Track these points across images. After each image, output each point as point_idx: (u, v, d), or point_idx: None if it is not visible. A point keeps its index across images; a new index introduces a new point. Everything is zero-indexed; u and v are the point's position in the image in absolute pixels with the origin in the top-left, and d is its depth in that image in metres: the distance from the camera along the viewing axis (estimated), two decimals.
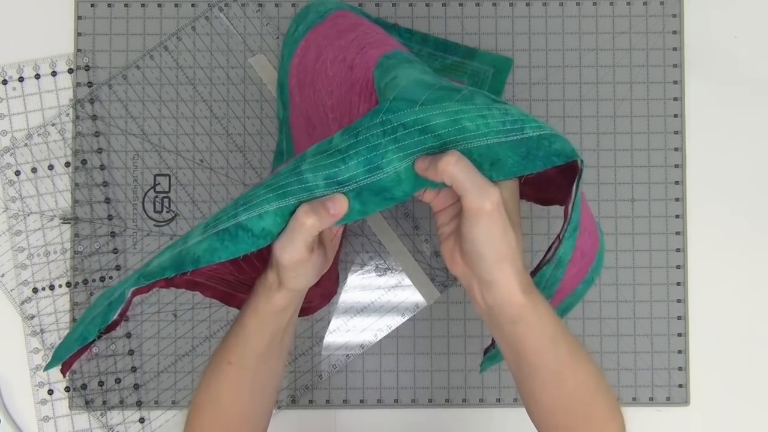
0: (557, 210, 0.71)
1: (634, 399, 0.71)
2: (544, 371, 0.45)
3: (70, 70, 0.71)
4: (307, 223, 0.41)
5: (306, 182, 0.42)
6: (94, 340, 0.44)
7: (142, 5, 0.71)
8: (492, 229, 0.40)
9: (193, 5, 0.71)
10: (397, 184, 0.42)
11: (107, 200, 0.70)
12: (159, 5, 0.71)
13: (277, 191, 0.42)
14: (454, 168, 0.39)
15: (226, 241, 0.42)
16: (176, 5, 0.71)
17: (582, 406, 0.47)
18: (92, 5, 0.71)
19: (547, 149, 0.41)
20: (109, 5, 0.71)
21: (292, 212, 0.42)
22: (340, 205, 0.42)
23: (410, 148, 0.41)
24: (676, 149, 0.72)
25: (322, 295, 0.64)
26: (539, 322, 0.43)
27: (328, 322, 0.70)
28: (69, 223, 0.70)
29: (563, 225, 0.45)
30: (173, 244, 0.46)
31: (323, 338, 0.70)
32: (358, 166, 0.41)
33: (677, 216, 0.71)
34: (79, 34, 0.71)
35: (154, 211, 0.70)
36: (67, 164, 0.70)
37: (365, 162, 0.41)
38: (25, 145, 0.70)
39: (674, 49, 0.72)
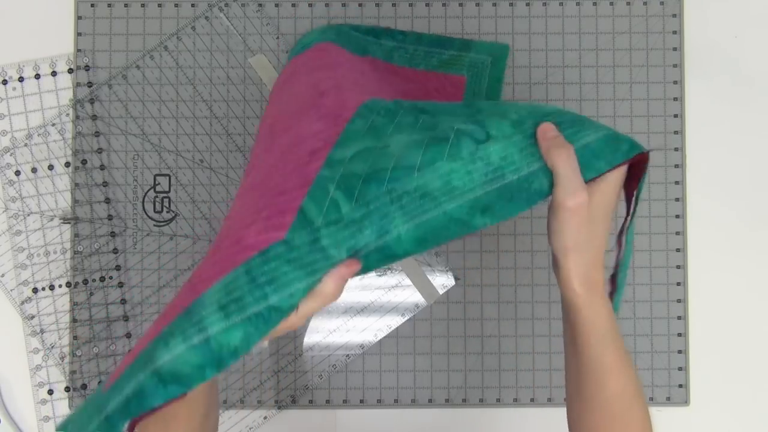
0: None
1: None
2: (589, 366, 0.48)
3: (70, 70, 0.71)
4: (335, 294, 0.44)
5: (332, 258, 0.44)
6: None
7: (142, 5, 0.71)
8: (566, 224, 0.45)
9: (193, 5, 0.71)
10: (398, 244, 0.45)
11: (107, 200, 0.70)
12: (159, 5, 0.71)
13: (306, 269, 0.43)
14: (560, 161, 0.44)
15: (260, 325, 0.42)
16: (176, 5, 0.71)
17: (620, 410, 0.48)
18: (92, 5, 0.71)
19: (528, 191, 0.45)
20: (109, 5, 0.71)
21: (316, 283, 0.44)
22: (355, 268, 0.44)
23: (413, 211, 0.44)
24: (676, 149, 0.72)
25: None
26: (591, 317, 0.47)
27: (326, 323, 0.71)
28: (69, 223, 0.70)
29: (624, 225, 0.50)
30: (140, 361, 0.42)
31: (323, 338, 0.70)
32: (372, 234, 0.44)
33: (677, 216, 0.71)
34: (79, 34, 0.71)
35: (154, 211, 0.70)
36: (67, 164, 0.70)
37: (376, 230, 0.44)
38: (25, 145, 0.70)
39: (674, 49, 0.72)
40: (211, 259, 0.47)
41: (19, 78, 0.71)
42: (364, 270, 0.45)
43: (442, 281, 0.71)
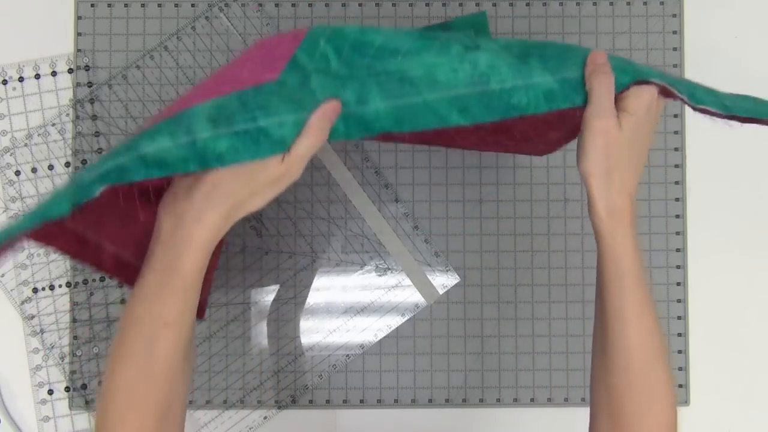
0: (558, 210, 0.71)
1: None
2: (610, 313, 0.47)
3: (70, 70, 0.71)
4: (321, 131, 0.44)
5: (319, 101, 0.45)
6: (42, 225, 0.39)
7: (142, 5, 0.71)
8: (591, 145, 0.46)
9: (193, 5, 0.71)
10: (376, 120, 0.46)
11: None
12: (159, 5, 0.71)
13: (295, 104, 0.44)
14: (598, 84, 0.45)
15: (248, 142, 0.42)
16: (176, 5, 0.71)
17: (640, 366, 0.47)
18: (92, 5, 0.71)
19: (507, 103, 0.46)
20: (109, 5, 0.71)
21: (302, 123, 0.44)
22: (337, 106, 0.45)
23: (391, 91, 0.46)
24: (676, 149, 0.72)
25: None
26: (613, 248, 0.47)
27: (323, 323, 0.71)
28: None
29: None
30: (145, 136, 0.42)
31: (323, 338, 0.70)
32: (351, 95, 0.46)
33: (677, 216, 0.71)
34: (79, 34, 0.71)
35: None
36: (67, 164, 0.70)
37: (356, 94, 0.46)
38: (25, 145, 0.70)
39: (674, 49, 0.72)
40: (196, 93, 0.47)
41: (19, 78, 0.71)
42: (344, 135, 0.47)
43: (442, 281, 0.71)
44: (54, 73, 0.71)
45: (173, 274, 0.43)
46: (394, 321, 0.70)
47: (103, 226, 0.47)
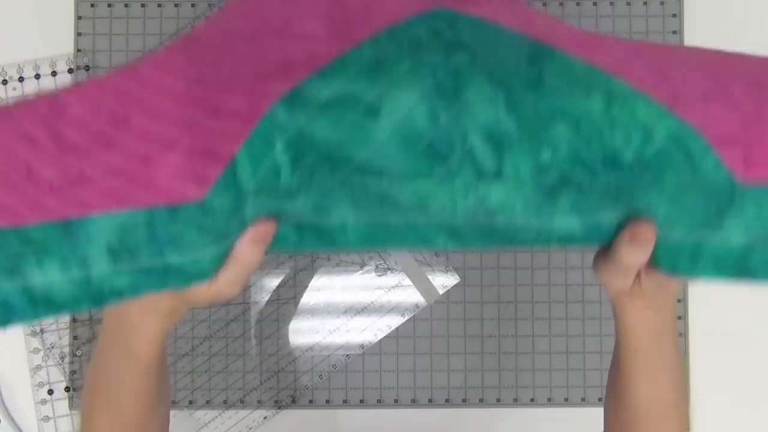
0: None
1: None
2: (620, 364, 0.44)
3: (70, 70, 0.71)
4: (252, 260, 0.38)
5: (248, 224, 0.37)
6: None
7: (142, 5, 0.71)
8: (598, 278, 0.41)
9: (192, 5, 0.71)
10: (342, 233, 0.39)
11: None
12: (159, 5, 0.71)
13: (217, 235, 0.36)
14: (623, 256, 0.37)
15: (152, 278, 0.36)
16: (176, 5, 0.71)
17: (648, 420, 0.45)
18: (92, 5, 0.71)
19: (509, 238, 0.38)
20: (109, 5, 0.71)
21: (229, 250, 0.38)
22: (268, 228, 0.38)
23: (366, 208, 0.38)
24: None
25: None
26: (621, 327, 0.43)
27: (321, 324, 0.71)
28: None
29: None
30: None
31: (323, 338, 0.70)
32: (305, 204, 0.37)
33: None
34: (79, 34, 0.71)
35: None
36: None
37: (313, 203, 0.37)
38: None
39: None
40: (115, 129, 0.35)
41: (19, 78, 0.71)
42: (296, 246, 0.39)
43: (442, 281, 0.71)
44: (54, 73, 0.71)
45: (129, 360, 0.42)
46: (394, 321, 0.70)
47: None
